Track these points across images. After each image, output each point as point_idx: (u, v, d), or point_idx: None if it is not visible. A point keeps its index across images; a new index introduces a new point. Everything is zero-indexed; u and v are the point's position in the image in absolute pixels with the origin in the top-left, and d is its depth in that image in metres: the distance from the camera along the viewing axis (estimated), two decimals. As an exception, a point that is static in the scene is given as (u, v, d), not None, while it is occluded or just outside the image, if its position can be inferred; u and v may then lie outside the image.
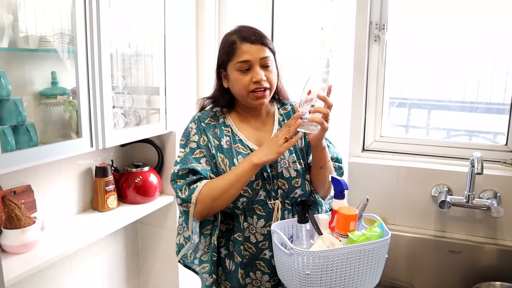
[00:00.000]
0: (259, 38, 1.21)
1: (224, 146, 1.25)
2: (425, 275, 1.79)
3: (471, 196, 1.66)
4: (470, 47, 1.93)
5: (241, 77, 1.20)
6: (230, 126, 1.29)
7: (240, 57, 1.20)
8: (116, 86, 1.69)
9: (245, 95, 1.22)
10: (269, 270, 1.26)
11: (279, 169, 1.25)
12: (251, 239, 1.25)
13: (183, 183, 1.20)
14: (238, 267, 1.26)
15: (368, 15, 1.88)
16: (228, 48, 1.22)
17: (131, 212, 1.81)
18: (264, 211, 1.25)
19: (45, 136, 1.45)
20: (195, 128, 1.28)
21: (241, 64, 1.20)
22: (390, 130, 2.07)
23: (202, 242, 1.27)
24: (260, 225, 1.24)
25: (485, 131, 2.02)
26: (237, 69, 1.21)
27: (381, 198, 1.88)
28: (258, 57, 1.20)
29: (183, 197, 1.19)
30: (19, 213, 1.39)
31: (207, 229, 1.26)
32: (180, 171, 1.22)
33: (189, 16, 2.01)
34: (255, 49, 1.20)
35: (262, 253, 1.26)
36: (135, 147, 2.03)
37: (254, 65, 1.20)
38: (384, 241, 1.11)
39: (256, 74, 1.19)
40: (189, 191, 1.19)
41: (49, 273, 1.65)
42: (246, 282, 1.27)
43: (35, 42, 1.40)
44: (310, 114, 1.12)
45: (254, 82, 1.20)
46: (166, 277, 2.11)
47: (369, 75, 1.96)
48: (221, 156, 1.24)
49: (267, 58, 1.21)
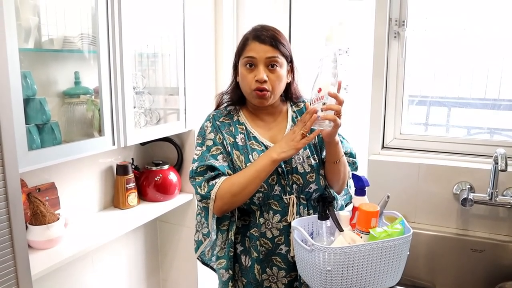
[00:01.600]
0: (270, 39, 1.22)
1: (239, 143, 1.27)
2: (446, 274, 1.76)
3: (495, 193, 1.63)
4: (491, 43, 1.89)
5: (246, 74, 1.24)
6: (244, 124, 1.31)
7: (247, 52, 1.23)
8: (136, 86, 1.72)
9: (249, 92, 1.25)
10: (285, 265, 1.26)
11: (293, 164, 1.25)
12: (267, 235, 1.26)
13: (202, 180, 1.22)
14: (255, 262, 1.27)
15: (388, 11, 1.87)
16: (241, 44, 1.26)
17: (151, 210, 1.84)
18: (279, 206, 1.26)
19: (69, 135, 1.48)
20: (210, 126, 1.30)
21: (247, 59, 1.23)
22: (410, 129, 2.05)
23: (220, 238, 1.29)
24: (276, 220, 1.25)
25: (507, 128, 1.98)
26: (244, 64, 1.24)
27: (401, 195, 1.86)
28: (264, 56, 1.21)
29: (202, 194, 1.21)
30: (43, 210, 1.43)
31: (224, 225, 1.28)
32: (198, 168, 1.24)
33: (207, 15, 2.03)
34: (263, 48, 1.21)
35: (278, 248, 1.26)
36: (155, 146, 2.05)
37: (258, 64, 1.22)
38: (406, 238, 1.10)
39: (259, 73, 1.21)
40: (208, 188, 1.21)
41: (71, 268, 1.68)
42: (262, 278, 1.28)
43: (59, 43, 1.44)
44: (323, 112, 1.12)
45: (256, 81, 1.22)
46: (185, 274, 2.13)
47: (388, 72, 1.95)
48: (236, 153, 1.26)
49: (273, 58, 1.22)
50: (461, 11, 1.91)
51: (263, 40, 1.22)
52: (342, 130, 1.42)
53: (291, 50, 1.28)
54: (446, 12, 1.94)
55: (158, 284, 2.22)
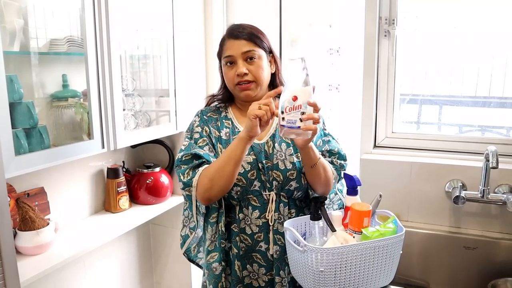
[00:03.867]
0: (244, 34, 1.25)
1: (223, 138, 1.29)
2: (440, 272, 1.76)
3: (486, 190, 1.63)
4: (482, 41, 1.90)
5: (228, 71, 1.27)
6: (231, 119, 1.33)
7: (225, 52, 1.27)
8: (126, 88, 1.70)
9: (233, 88, 1.28)
10: (265, 263, 1.27)
11: (274, 160, 1.25)
12: (246, 231, 1.27)
13: (186, 168, 1.24)
14: (235, 259, 1.28)
15: (378, 10, 1.87)
16: (220, 46, 1.31)
17: (143, 213, 1.82)
18: (258, 202, 1.26)
19: (57, 139, 1.46)
20: (198, 120, 1.34)
21: (226, 59, 1.26)
22: (401, 127, 2.05)
23: (209, 231, 1.28)
24: (255, 216, 1.26)
25: (498, 126, 1.99)
26: (225, 64, 1.28)
27: (393, 194, 1.86)
28: (240, 51, 1.24)
29: (184, 181, 1.23)
30: (33, 215, 1.41)
31: (213, 217, 1.28)
32: (183, 156, 1.25)
33: (197, 17, 2.02)
34: (238, 44, 1.24)
35: (258, 245, 1.27)
36: (146, 148, 2.04)
37: (237, 59, 1.24)
38: (398, 237, 1.10)
39: (239, 68, 1.24)
40: (191, 175, 1.22)
41: (63, 274, 1.66)
42: (243, 275, 1.29)
43: (45, 46, 1.42)
44: (303, 122, 1.06)
45: (237, 75, 1.24)
46: (179, 277, 2.11)
47: (379, 71, 1.95)
48: (220, 147, 1.28)
49: (250, 52, 1.24)
50: (452, 9, 1.91)
51: (237, 36, 1.25)
52: (334, 129, 1.42)
53: (269, 42, 1.30)
54: (437, 10, 1.94)
55: (152, 287, 2.20)
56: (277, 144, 1.28)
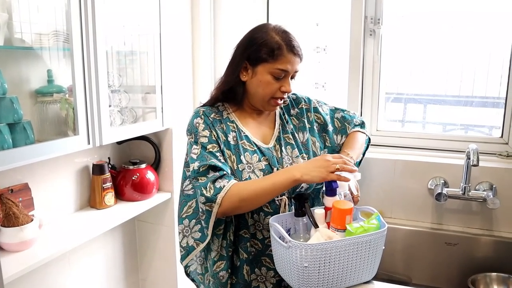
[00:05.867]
0: (300, 52, 1.22)
1: (231, 142, 1.23)
2: (422, 267, 1.80)
3: (467, 188, 1.67)
4: (465, 41, 1.93)
5: (272, 82, 1.20)
6: (234, 122, 1.27)
7: (282, 65, 1.18)
8: (112, 84, 1.69)
9: (266, 100, 1.23)
10: (274, 266, 1.25)
11: (284, 165, 1.24)
12: (257, 236, 1.25)
13: (207, 181, 1.15)
14: (244, 263, 1.26)
15: (363, 9, 1.89)
16: (271, 49, 1.18)
17: (129, 209, 1.82)
18: (271, 208, 1.24)
19: (42, 134, 1.45)
20: (202, 123, 1.23)
21: (279, 71, 1.19)
22: (387, 125, 2.08)
23: (216, 242, 1.24)
24: (267, 222, 1.23)
25: (480, 125, 2.03)
26: (272, 73, 1.19)
27: (377, 191, 1.89)
28: (294, 69, 1.21)
29: (208, 196, 1.14)
30: (16, 211, 1.40)
31: (220, 229, 1.23)
32: (200, 167, 1.17)
33: (184, 13, 2.01)
34: (296, 62, 1.21)
35: (268, 249, 1.25)
36: (132, 145, 2.03)
37: (287, 76, 1.21)
38: (381, 232, 1.12)
39: (287, 85, 1.21)
40: (215, 190, 1.14)
41: (47, 270, 1.65)
42: (251, 278, 1.27)
43: (30, 40, 1.40)
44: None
45: (282, 91, 1.21)
46: (164, 273, 2.11)
47: (364, 70, 1.97)
48: (228, 153, 1.22)
49: (296, 72, 1.24)
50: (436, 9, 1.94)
51: (296, 53, 1.20)
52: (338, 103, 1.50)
53: None
54: (422, 10, 1.97)
55: (137, 284, 2.20)
56: (283, 147, 1.27)
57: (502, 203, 1.66)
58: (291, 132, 1.31)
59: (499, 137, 1.82)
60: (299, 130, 1.32)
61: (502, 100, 1.83)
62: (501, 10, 1.84)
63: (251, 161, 1.22)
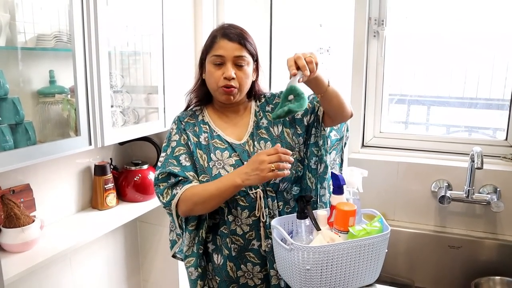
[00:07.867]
0: (239, 38, 1.24)
1: (203, 143, 1.29)
2: (425, 271, 1.79)
3: (471, 191, 1.66)
4: (469, 43, 1.92)
5: (214, 71, 1.24)
6: (208, 123, 1.32)
7: (216, 51, 1.23)
8: (114, 85, 1.69)
9: (215, 89, 1.26)
10: (259, 260, 1.28)
11: None
12: (237, 231, 1.27)
13: (164, 187, 1.25)
14: (227, 260, 1.28)
15: (367, 10, 1.88)
16: (209, 41, 1.27)
17: (131, 210, 1.81)
18: (247, 202, 1.26)
19: (44, 135, 1.44)
20: (175, 128, 1.33)
21: (215, 57, 1.23)
22: (390, 127, 2.06)
23: (187, 237, 1.29)
24: (244, 216, 1.26)
25: (484, 127, 2.02)
26: (212, 62, 1.25)
27: (380, 193, 1.88)
28: (232, 54, 1.23)
29: (164, 202, 1.25)
30: (18, 212, 1.39)
31: (192, 225, 1.29)
32: (159, 175, 1.26)
33: (187, 14, 2.01)
34: (232, 46, 1.23)
35: (251, 244, 1.27)
36: (134, 146, 2.02)
37: (227, 62, 1.23)
38: (384, 235, 1.11)
39: (227, 70, 1.22)
40: (170, 197, 1.24)
41: (48, 271, 1.64)
42: (238, 275, 1.29)
43: (32, 41, 1.40)
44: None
45: (224, 78, 1.23)
46: (166, 274, 2.11)
47: (368, 71, 1.96)
48: (199, 152, 1.28)
49: (242, 57, 1.23)
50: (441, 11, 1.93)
51: (232, 38, 1.23)
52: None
53: (257, 49, 1.29)
54: (426, 12, 1.96)
55: (139, 285, 2.19)
56: (256, 142, 1.29)
57: (506, 206, 1.65)
58: (265, 127, 1.32)
59: (504, 140, 1.81)
60: (274, 124, 1.34)
61: (507, 102, 1.82)
62: (505, 13, 1.82)
63: (221, 158, 1.27)
